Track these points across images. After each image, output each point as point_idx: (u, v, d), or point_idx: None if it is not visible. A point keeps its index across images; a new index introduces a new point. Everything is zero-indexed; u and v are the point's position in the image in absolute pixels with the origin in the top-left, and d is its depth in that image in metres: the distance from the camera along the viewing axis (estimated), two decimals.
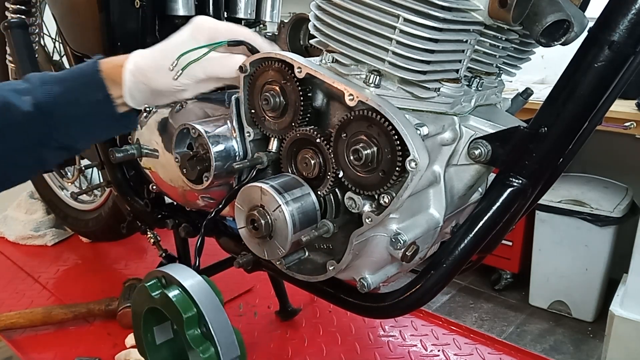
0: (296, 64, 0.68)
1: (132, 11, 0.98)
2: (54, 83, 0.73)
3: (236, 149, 0.81)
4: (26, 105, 0.70)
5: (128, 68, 0.73)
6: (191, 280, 0.57)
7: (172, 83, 0.73)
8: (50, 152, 0.74)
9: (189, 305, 0.55)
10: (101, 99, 0.73)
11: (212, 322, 0.54)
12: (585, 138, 0.72)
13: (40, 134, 0.72)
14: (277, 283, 1.18)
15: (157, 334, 0.63)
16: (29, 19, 1.32)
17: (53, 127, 0.72)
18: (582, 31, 0.61)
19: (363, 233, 0.67)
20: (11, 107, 0.70)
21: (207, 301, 0.55)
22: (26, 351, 1.11)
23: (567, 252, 2.70)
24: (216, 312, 0.55)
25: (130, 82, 0.73)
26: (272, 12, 1.13)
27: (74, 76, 0.74)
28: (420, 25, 0.59)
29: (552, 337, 2.68)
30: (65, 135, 0.73)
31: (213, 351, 0.52)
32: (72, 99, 0.72)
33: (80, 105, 0.73)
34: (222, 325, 0.54)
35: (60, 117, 0.72)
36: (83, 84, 0.73)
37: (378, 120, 0.61)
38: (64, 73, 0.75)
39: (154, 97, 0.76)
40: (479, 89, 0.73)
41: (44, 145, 0.73)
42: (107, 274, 1.48)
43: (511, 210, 0.67)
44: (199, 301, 0.55)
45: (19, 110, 0.70)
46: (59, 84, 0.73)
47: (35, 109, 0.70)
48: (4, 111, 0.70)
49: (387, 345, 1.16)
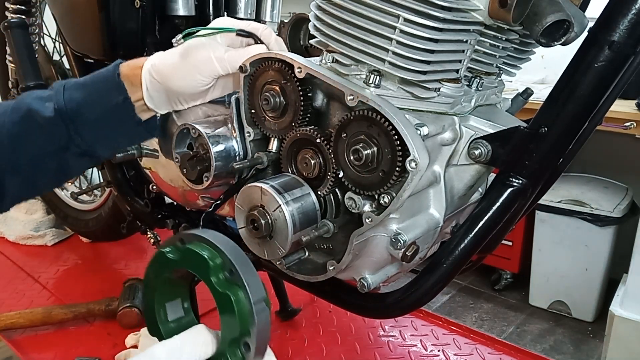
0: (296, 64, 0.68)
1: (132, 11, 0.98)
2: (76, 88, 0.73)
3: (236, 149, 0.81)
4: (48, 111, 0.70)
5: (146, 68, 0.73)
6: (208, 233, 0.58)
7: (191, 84, 0.72)
8: (72, 158, 0.74)
9: (213, 253, 0.55)
10: (120, 102, 0.73)
11: (238, 265, 0.54)
12: (585, 138, 0.72)
13: (62, 139, 0.72)
14: (277, 283, 1.18)
15: (169, 311, 0.64)
16: (29, 19, 1.32)
17: (74, 132, 0.72)
18: (582, 31, 0.61)
19: (363, 233, 0.67)
20: (34, 113, 0.71)
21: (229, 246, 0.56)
22: (26, 351, 1.11)
23: (567, 252, 2.70)
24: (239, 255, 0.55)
25: (148, 82, 0.73)
26: (272, 12, 1.13)
27: (94, 80, 0.74)
28: (420, 25, 0.59)
29: (552, 337, 2.68)
30: (86, 140, 0.73)
31: (242, 294, 0.53)
32: (92, 103, 0.72)
33: (100, 110, 0.72)
34: (247, 268, 0.54)
35: (81, 121, 0.72)
36: (103, 88, 0.73)
37: (378, 120, 0.61)
38: (86, 78, 0.75)
39: (173, 99, 0.75)
40: (479, 89, 0.73)
41: (65, 151, 0.73)
42: (107, 274, 1.48)
43: (511, 210, 0.67)
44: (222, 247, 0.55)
45: (41, 116, 0.70)
46: (81, 89, 0.73)
47: (56, 114, 0.70)
48: (28, 118, 0.71)
49: (387, 345, 1.16)
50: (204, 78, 0.72)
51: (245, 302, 0.53)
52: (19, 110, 0.72)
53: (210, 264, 0.54)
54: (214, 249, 0.55)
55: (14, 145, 0.71)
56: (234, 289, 0.53)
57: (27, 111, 0.71)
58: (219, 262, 0.54)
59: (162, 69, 0.72)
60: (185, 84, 0.72)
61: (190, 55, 0.72)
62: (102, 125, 0.73)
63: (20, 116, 0.71)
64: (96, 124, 0.73)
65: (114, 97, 0.72)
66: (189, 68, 0.72)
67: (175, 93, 0.74)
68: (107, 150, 0.78)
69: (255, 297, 0.53)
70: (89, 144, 0.73)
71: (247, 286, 0.53)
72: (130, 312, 1.16)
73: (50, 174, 0.75)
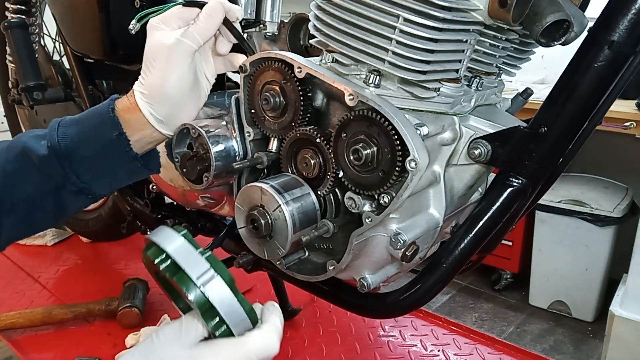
0: (296, 64, 0.68)
1: (132, 11, 0.97)
2: (70, 125, 0.71)
3: (236, 149, 0.81)
4: (42, 150, 0.69)
5: (138, 95, 0.71)
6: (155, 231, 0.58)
7: (180, 79, 0.71)
8: (69, 196, 0.72)
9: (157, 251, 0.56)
10: (115, 138, 0.71)
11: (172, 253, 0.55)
12: (585, 138, 0.72)
13: (58, 178, 0.70)
14: (277, 283, 1.18)
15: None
16: (29, 19, 1.32)
17: (69, 170, 0.70)
18: (582, 31, 0.61)
19: (363, 233, 0.67)
20: (29, 151, 0.69)
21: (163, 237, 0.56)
22: (26, 351, 1.11)
23: (567, 252, 2.70)
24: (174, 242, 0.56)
25: (149, 108, 0.71)
26: (272, 12, 1.12)
27: (88, 117, 0.72)
28: (420, 25, 0.59)
29: (552, 337, 2.68)
30: (82, 178, 0.71)
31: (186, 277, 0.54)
32: (87, 140, 0.70)
33: (95, 146, 0.71)
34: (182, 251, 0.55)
35: (75, 159, 0.70)
36: (97, 124, 0.71)
37: (378, 120, 0.61)
38: (81, 115, 0.73)
39: (176, 107, 0.73)
40: (479, 89, 0.73)
41: (62, 189, 0.71)
42: (107, 274, 1.48)
43: (511, 210, 0.67)
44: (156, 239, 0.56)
45: (36, 155, 0.69)
46: (75, 125, 0.71)
47: (50, 152, 0.69)
48: (23, 156, 0.70)
49: (387, 345, 1.16)
50: (183, 60, 0.70)
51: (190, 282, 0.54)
52: (14, 148, 0.70)
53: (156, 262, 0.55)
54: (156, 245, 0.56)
55: (9, 184, 0.70)
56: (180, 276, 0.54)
57: (22, 149, 0.70)
58: (163, 257, 0.56)
59: (150, 89, 0.71)
60: (174, 81, 0.71)
61: (158, 55, 0.70)
62: (97, 162, 0.71)
63: (15, 155, 0.70)
64: (91, 161, 0.71)
65: (108, 133, 0.70)
66: (167, 64, 0.70)
67: (174, 100, 0.72)
68: (105, 188, 0.76)
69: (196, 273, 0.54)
70: (85, 182, 0.71)
71: (184, 268, 0.54)
72: (130, 312, 1.16)
73: (47, 213, 0.73)
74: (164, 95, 0.71)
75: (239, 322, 0.55)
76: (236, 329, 0.55)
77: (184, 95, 0.73)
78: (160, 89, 0.71)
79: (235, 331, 0.55)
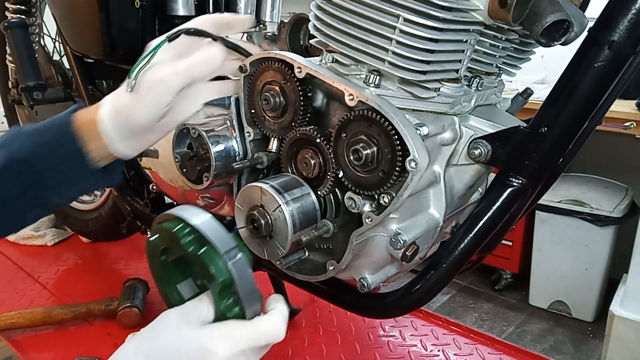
0: (296, 64, 0.68)
1: (132, 11, 0.98)
2: (28, 136, 0.68)
3: (236, 149, 0.81)
4: (0, 159, 0.66)
5: (103, 113, 0.68)
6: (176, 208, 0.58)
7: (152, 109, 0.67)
8: (26, 207, 0.70)
9: (179, 224, 0.56)
10: (73, 152, 0.68)
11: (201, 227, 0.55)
12: (585, 138, 0.72)
13: (14, 188, 0.67)
14: (277, 283, 1.18)
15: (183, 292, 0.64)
16: (29, 19, 1.32)
17: (26, 182, 0.67)
18: (582, 31, 0.61)
19: (363, 233, 0.67)
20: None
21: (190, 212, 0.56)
22: (26, 351, 1.11)
23: (567, 252, 2.70)
24: (201, 217, 0.56)
25: (109, 127, 0.67)
26: (272, 12, 1.12)
27: (46, 128, 0.69)
28: (420, 25, 0.59)
29: (552, 337, 2.68)
30: (38, 191, 0.68)
31: (211, 250, 0.54)
32: (44, 152, 0.68)
33: (52, 159, 0.68)
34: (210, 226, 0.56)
35: (32, 171, 0.67)
36: (54, 136, 0.68)
37: (378, 120, 0.61)
38: (39, 125, 0.70)
39: (139, 135, 0.70)
40: (479, 89, 0.73)
41: (19, 200, 0.68)
42: (107, 274, 1.48)
43: (511, 210, 0.67)
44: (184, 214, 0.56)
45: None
46: (33, 136, 0.69)
47: (7, 163, 0.66)
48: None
49: (387, 345, 1.16)
50: (164, 98, 0.66)
51: (215, 256, 0.54)
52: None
53: (178, 235, 0.55)
54: (179, 219, 0.56)
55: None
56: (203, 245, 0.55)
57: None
58: (186, 231, 0.56)
59: (119, 108, 0.67)
60: (147, 111, 0.67)
61: (141, 84, 0.66)
62: (54, 175, 0.68)
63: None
64: (48, 173, 0.68)
65: (66, 146, 0.68)
66: (145, 94, 0.66)
67: (141, 127, 0.68)
68: (62, 199, 0.73)
69: (224, 249, 0.54)
70: (42, 194, 0.69)
71: (213, 242, 0.54)
72: (130, 312, 1.16)
73: (3, 223, 0.71)
74: (131, 121, 0.68)
75: (253, 304, 0.56)
76: (249, 311, 0.55)
77: (152, 125, 0.69)
78: (130, 114, 0.67)
79: (248, 313, 0.55)
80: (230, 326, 0.55)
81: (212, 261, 0.54)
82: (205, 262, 0.54)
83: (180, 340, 0.54)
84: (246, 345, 0.54)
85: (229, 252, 0.55)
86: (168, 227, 0.57)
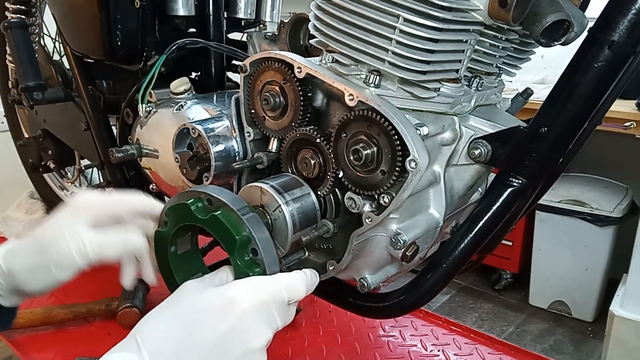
0: (296, 64, 0.68)
1: (132, 11, 0.98)
2: None
3: (236, 149, 0.81)
4: None
5: None
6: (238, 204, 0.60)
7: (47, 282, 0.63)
8: None
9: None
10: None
11: (214, 192, 0.57)
12: (585, 138, 0.72)
13: None
14: None
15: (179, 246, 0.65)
16: (29, 19, 1.32)
17: None
18: (582, 31, 0.61)
19: (363, 233, 0.67)
20: None
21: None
22: (26, 351, 1.11)
23: (567, 252, 2.69)
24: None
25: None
26: (272, 12, 1.13)
27: None
28: (420, 25, 0.59)
29: (552, 337, 2.68)
30: None
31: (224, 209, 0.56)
32: None
33: None
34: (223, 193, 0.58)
35: None
36: None
37: (378, 120, 0.61)
38: None
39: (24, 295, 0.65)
40: (479, 89, 0.73)
41: None
42: (107, 274, 1.46)
43: (511, 210, 0.67)
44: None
45: None
46: None
47: None
48: None
49: (387, 345, 1.16)
50: (63, 273, 0.62)
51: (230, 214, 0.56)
52: None
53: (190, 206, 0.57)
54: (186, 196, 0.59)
55: None
56: (220, 211, 0.57)
57: None
58: (196, 200, 0.58)
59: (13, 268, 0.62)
60: (40, 282, 0.63)
61: (46, 250, 0.62)
62: None
63: None
64: None
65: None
66: (45, 264, 0.62)
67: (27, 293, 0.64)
68: None
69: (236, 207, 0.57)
70: None
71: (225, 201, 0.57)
72: (130, 312, 1.16)
73: None
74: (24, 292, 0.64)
75: (272, 265, 0.57)
76: (269, 270, 0.57)
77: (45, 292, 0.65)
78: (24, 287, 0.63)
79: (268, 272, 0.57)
80: (252, 280, 0.56)
81: (227, 218, 0.55)
82: (222, 220, 0.55)
83: (203, 298, 0.54)
84: (269, 295, 0.54)
85: (241, 210, 0.56)
86: (178, 203, 0.57)
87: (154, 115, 0.92)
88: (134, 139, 0.96)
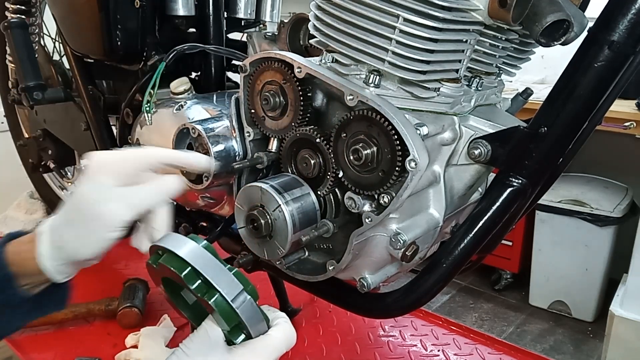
0: (296, 64, 0.68)
1: (132, 11, 0.98)
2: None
3: (236, 149, 0.81)
4: None
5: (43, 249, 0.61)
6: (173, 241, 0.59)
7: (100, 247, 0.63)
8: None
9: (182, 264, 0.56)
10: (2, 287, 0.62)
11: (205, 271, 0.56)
12: (585, 138, 0.72)
13: None
14: (277, 283, 1.18)
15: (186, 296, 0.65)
16: (29, 19, 1.32)
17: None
18: (582, 31, 0.61)
19: (363, 233, 0.67)
20: None
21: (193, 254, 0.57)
22: (26, 351, 1.11)
23: (567, 252, 2.69)
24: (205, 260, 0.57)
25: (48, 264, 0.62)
26: (272, 12, 1.13)
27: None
28: (420, 25, 0.59)
29: (552, 337, 2.68)
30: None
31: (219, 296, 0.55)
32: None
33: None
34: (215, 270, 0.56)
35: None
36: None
37: (378, 120, 0.61)
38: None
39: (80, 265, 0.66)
40: (479, 89, 0.73)
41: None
42: (107, 274, 1.48)
43: (511, 210, 0.67)
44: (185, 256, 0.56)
45: None
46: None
47: None
48: None
49: (387, 345, 1.16)
50: (112, 234, 0.62)
51: (224, 303, 0.55)
52: None
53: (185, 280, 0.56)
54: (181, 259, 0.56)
55: None
56: (211, 292, 0.55)
57: None
58: (189, 271, 0.56)
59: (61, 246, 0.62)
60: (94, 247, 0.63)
61: (87, 216, 0.61)
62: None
63: None
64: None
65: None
66: (92, 230, 0.61)
67: (85, 261, 0.64)
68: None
69: (230, 295, 0.55)
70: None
71: (219, 288, 0.55)
72: (130, 312, 1.16)
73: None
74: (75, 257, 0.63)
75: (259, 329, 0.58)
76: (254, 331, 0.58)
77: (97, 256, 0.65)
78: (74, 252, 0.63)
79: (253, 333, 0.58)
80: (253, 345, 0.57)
81: (221, 309, 0.55)
82: (216, 310, 0.55)
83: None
84: (274, 355, 0.57)
85: (236, 298, 0.55)
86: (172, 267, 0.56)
87: (154, 115, 0.92)
88: (134, 139, 0.96)
